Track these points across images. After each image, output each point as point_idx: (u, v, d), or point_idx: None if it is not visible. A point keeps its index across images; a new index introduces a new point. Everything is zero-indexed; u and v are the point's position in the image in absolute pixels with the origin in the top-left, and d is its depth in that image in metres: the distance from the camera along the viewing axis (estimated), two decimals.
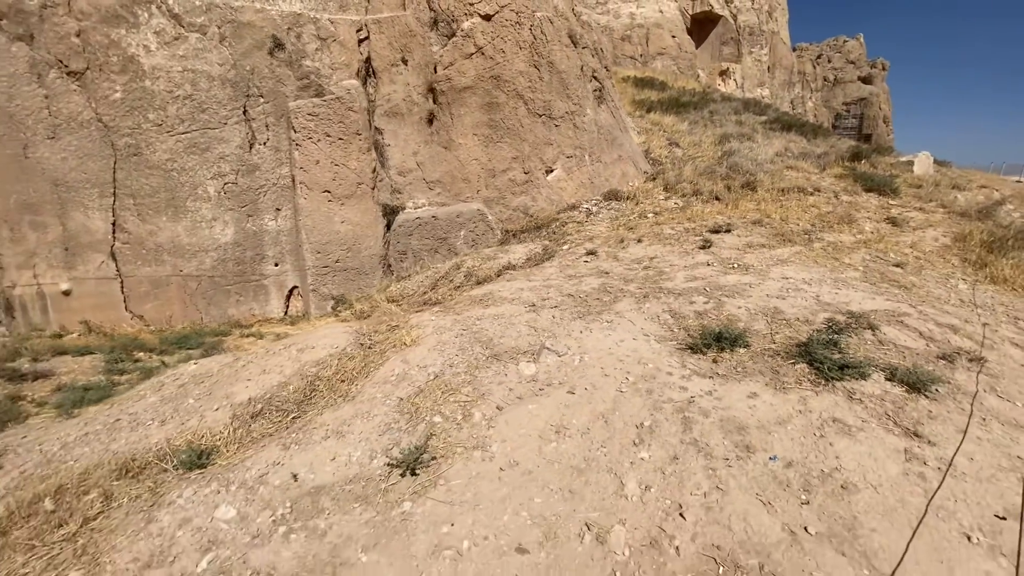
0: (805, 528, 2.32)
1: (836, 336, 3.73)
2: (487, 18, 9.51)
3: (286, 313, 10.10)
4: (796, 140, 13.35)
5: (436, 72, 9.64)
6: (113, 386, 5.94)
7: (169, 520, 2.53)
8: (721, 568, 2.15)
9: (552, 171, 9.69)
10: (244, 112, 9.42)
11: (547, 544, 2.29)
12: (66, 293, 9.15)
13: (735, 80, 29.97)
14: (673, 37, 27.30)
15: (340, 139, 9.08)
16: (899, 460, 2.72)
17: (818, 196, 8.55)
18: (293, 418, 3.45)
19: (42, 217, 8.98)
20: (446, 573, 2.15)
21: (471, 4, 9.53)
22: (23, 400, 5.67)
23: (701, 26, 29.75)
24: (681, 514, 2.41)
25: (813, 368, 3.46)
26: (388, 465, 2.81)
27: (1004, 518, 2.39)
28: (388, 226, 9.49)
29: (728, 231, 7.21)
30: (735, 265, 5.95)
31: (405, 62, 9.97)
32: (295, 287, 10.09)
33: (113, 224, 9.24)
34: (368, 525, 2.41)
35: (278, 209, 9.74)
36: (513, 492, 2.60)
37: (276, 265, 9.92)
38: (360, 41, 10.01)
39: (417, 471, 2.75)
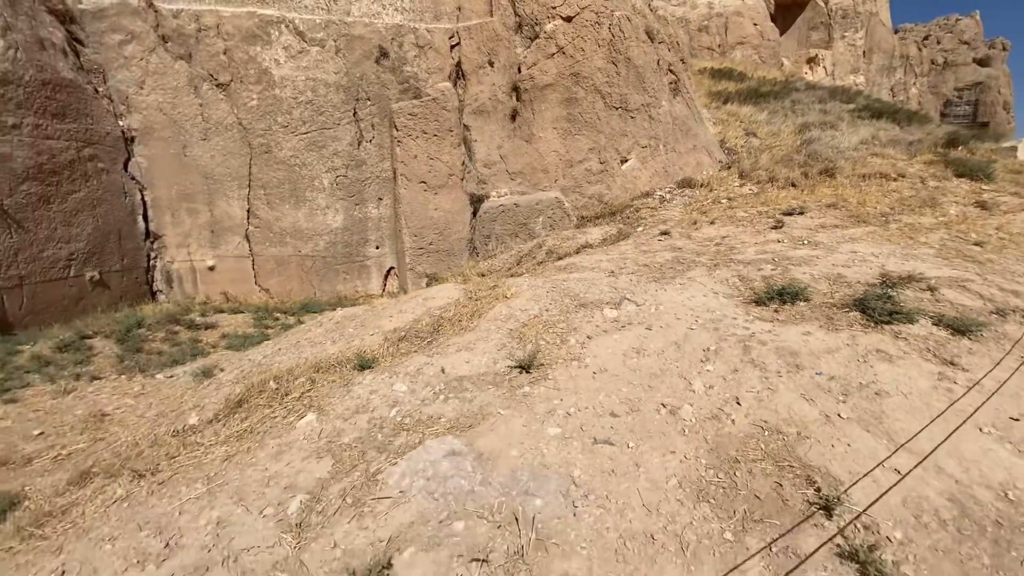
0: (838, 414, 3.05)
1: (890, 291, 4.29)
2: (568, 20, 10.47)
3: (384, 290, 11.65)
4: (886, 128, 13.05)
5: (520, 72, 10.74)
6: (265, 334, 7.57)
7: (361, 391, 3.73)
8: (766, 432, 2.95)
9: (627, 161, 10.45)
10: (354, 114, 11.06)
11: (632, 413, 3.20)
12: (211, 268, 11.24)
13: (824, 67, 28.69)
14: (755, 25, 26.72)
15: (435, 136, 10.44)
16: (931, 379, 3.33)
17: (901, 182, 8.65)
18: (428, 342, 4.60)
19: (195, 205, 11.12)
20: (559, 422, 3.13)
21: (553, 7, 10.54)
22: (201, 342, 7.41)
23: (786, 11, 28.78)
24: (737, 402, 3.23)
25: (865, 315, 4.07)
26: (508, 367, 3.85)
27: (1017, 419, 2.97)
28: (474, 213, 10.72)
29: (801, 213, 7.64)
30: (805, 242, 6.46)
31: (491, 64, 11.17)
32: (392, 268, 11.63)
33: (247, 211, 11.22)
34: (500, 397, 3.46)
35: (380, 199, 11.31)
36: (604, 385, 3.53)
37: (377, 248, 11.50)
38: (452, 47, 11.36)
39: (530, 370, 3.76)
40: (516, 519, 2.38)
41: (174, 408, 4.32)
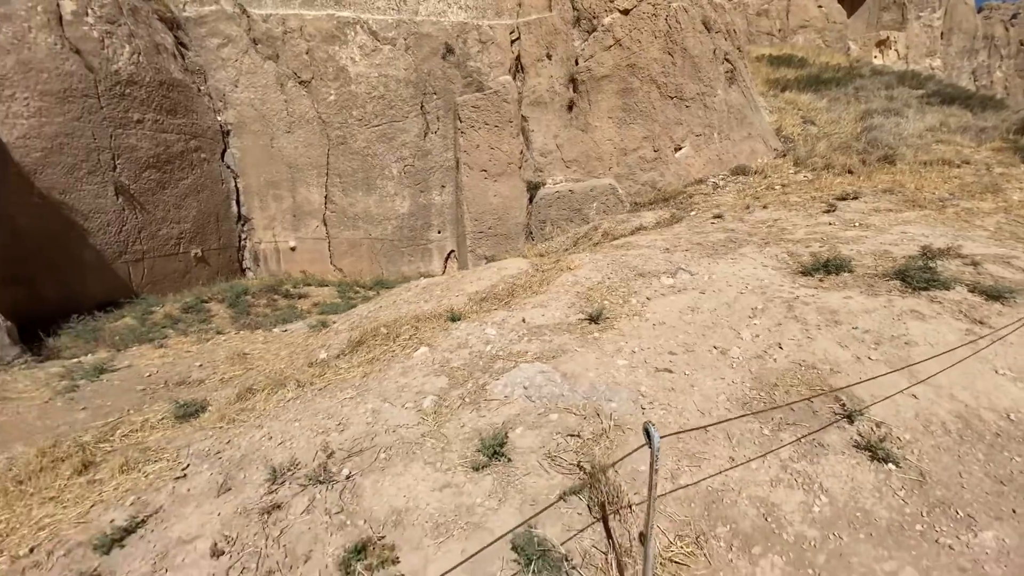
0: (869, 357, 3.65)
1: (931, 263, 4.74)
2: (625, 12, 11.03)
3: (444, 271, 12.68)
4: (957, 114, 12.81)
5: (577, 64, 11.41)
6: (350, 303, 8.68)
7: (459, 334, 4.62)
8: (803, 368, 3.59)
9: (680, 149, 10.94)
10: (421, 107, 12.09)
11: (687, 353, 3.91)
12: (292, 249, 12.62)
13: (896, 51, 27.48)
14: (819, 7, 25.97)
15: (496, 127, 11.29)
16: (959, 333, 3.85)
17: (965, 168, 8.74)
18: (506, 302, 5.45)
19: (280, 191, 12.50)
20: (626, 357, 3.88)
21: (611, 1, 11.12)
22: (297, 308, 8.61)
23: None
24: (779, 346, 3.87)
25: (904, 283, 4.57)
26: (579, 319, 4.63)
27: None
28: (530, 199, 11.52)
29: (855, 198, 7.96)
30: (856, 224, 6.85)
31: (549, 57, 11.89)
32: (452, 251, 12.63)
33: (325, 197, 12.50)
34: (574, 339, 4.25)
35: (443, 186, 12.31)
36: (663, 334, 4.25)
37: (439, 232, 12.53)
38: (512, 41, 12.16)
39: (598, 322, 4.52)
40: (597, 414, 3.17)
41: (302, 349, 5.38)
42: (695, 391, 3.40)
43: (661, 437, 1.62)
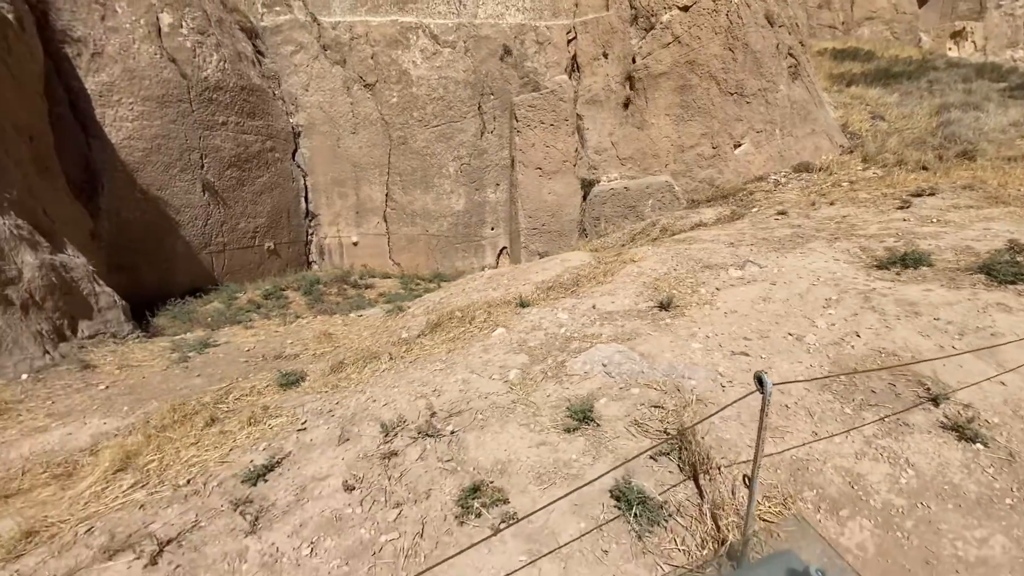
0: (952, 346, 3.65)
1: (1018, 256, 4.62)
2: (684, 9, 11.05)
3: (496, 267, 13.04)
4: None
5: (634, 62, 11.51)
6: (413, 294, 9.15)
7: (532, 317, 4.89)
8: (882, 355, 3.64)
9: (740, 145, 10.84)
10: (479, 107, 12.52)
11: (762, 339, 4.03)
12: (355, 244, 13.32)
13: (973, 42, 25.86)
14: None
15: (551, 125, 11.56)
16: None
17: None
18: (572, 291, 5.68)
19: (345, 189, 13.23)
20: (700, 341, 4.04)
21: None
22: (365, 297, 9.16)
23: None
24: (857, 335, 3.93)
25: (989, 277, 4.49)
26: (649, 306, 4.81)
27: None
28: (584, 196, 11.70)
29: (932, 195, 7.70)
30: (934, 220, 6.66)
31: (605, 56, 12.05)
32: (504, 247, 12.98)
33: (386, 195, 13.13)
34: (646, 324, 4.44)
35: (497, 184, 12.68)
36: (735, 321, 4.37)
37: (492, 229, 12.91)
38: (568, 41, 12.39)
39: (668, 309, 4.69)
40: (678, 389, 3.36)
41: (383, 330, 5.82)
42: (773, 373, 3.53)
43: (773, 385, 1.82)
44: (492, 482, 2.61)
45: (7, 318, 5.06)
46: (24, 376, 4.92)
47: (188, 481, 2.98)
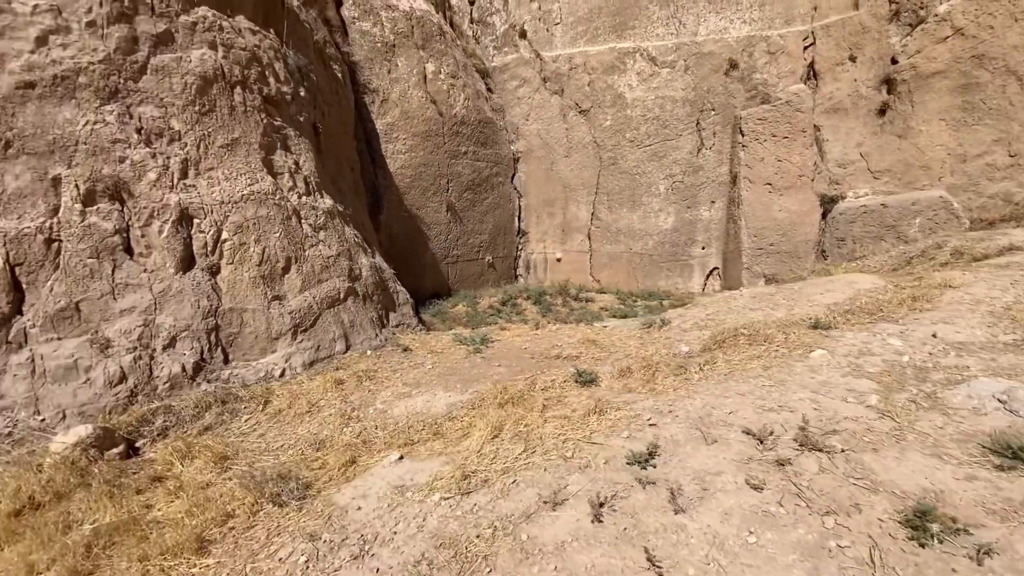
0: None
1: None
2: None
3: (704, 289, 12.44)
4: None
5: (894, 63, 10.10)
6: (632, 309, 9.17)
7: (849, 341, 4.46)
8: None
9: None
10: (696, 124, 12.24)
11: None
12: (558, 260, 13.97)
13: None
14: None
15: (785, 138, 10.71)
16: None
17: None
18: (879, 316, 5.06)
19: (553, 209, 14.01)
20: None
21: None
22: (587, 309, 9.43)
23: None
24: None
25: None
26: (1014, 339, 4.02)
27: None
28: (823, 214, 10.53)
29: None
30: None
31: (852, 59, 10.81)
32: (716, 268, 12.33)
33: (592, 214, 13.55)
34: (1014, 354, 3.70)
35: (713, 201, 12.17)
36: None
37: (703, 248, 12.39)
38: (805, 48, 11.43)
39: None
40: None
41: (650, 342, 5.91)
42: None
43: None
44: (936, 508, 2.37)
45: (357, 306, 6.39)
46: (368, 352, 6.12)
47: (572, 454, 3.31)
